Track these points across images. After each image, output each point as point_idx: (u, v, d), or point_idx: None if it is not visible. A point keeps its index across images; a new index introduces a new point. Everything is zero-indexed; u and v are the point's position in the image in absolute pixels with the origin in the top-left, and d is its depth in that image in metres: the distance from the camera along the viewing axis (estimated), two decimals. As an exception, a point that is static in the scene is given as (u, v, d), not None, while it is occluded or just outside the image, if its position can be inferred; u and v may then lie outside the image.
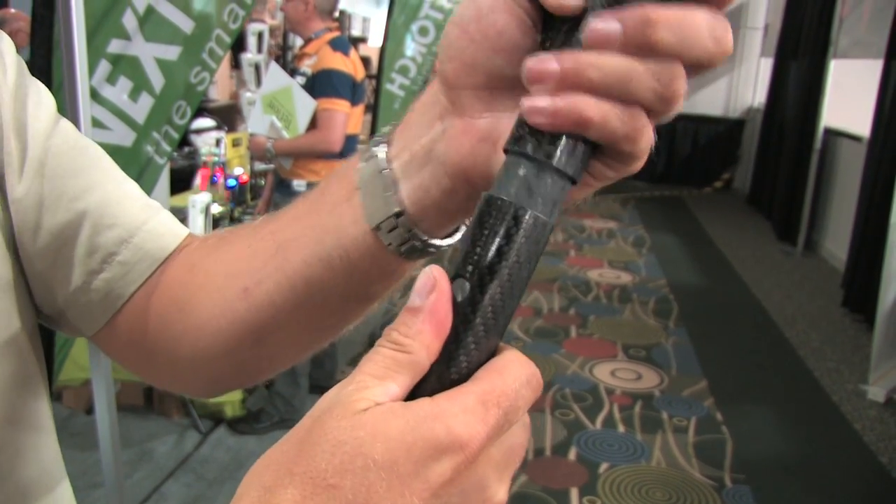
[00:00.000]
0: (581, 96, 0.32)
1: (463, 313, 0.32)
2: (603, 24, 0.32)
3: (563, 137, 0.33)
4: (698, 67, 0.33)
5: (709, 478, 2.65)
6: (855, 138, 5.35)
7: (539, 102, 0.33)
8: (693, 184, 8.41)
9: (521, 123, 0.34)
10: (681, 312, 4.35)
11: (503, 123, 0.38)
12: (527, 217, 0.32)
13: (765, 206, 6.99)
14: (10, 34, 0.53)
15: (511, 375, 0.31)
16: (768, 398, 3.36)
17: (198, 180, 3.51)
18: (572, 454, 2.76)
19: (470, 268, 0.32)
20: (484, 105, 0.39)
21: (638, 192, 7.99)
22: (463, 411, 0.29)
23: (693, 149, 8.47)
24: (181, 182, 3.68)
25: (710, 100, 8.46)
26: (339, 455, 0.28)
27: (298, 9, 2.87)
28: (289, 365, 0.55)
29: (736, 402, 3.27)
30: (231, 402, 2.74)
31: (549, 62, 0.33)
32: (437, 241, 0.44)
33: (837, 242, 5.42)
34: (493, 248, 0.32)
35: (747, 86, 8.43)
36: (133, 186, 0.56)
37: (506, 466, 0.31)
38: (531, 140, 0.33)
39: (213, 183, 3.44)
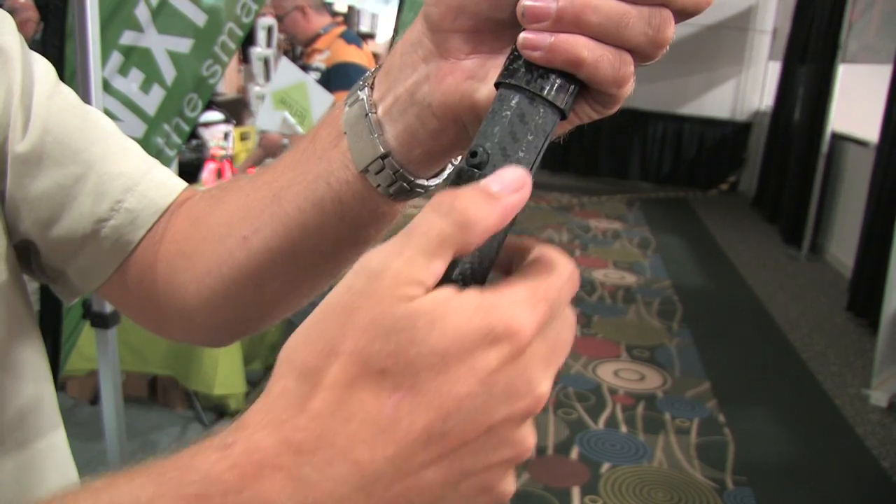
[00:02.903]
0: (577, 37, 0.34)
1: None
2: None
3: (555, 73, 0.35)
4: (684, 14, 0.35)
5: (710, 479, 2.65)
6: (862, 143, 5.34)
7: (537, 37, 0.34)
8: (698, 186, 8.39)
9: (515, 58, 0.35)
10: (685, 314, 4.35)
11: (488, 63, 0.39)
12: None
13: (770, 210, 6.97)
14: (19, 24, 0.54)
15: (557, 271, 0.32)
16: (771, 401, 3.36)
17: (205, 173, 3.52)
18: (574, 453, 2.77)
19: (485, 156, 0.33)
20: (469, 47, 0.40)
21: (643, 194, 7.98)
22: (514, 303, 0.29)
23: (699, 151, 8.45)
24: (188, 175, 3.68)
25: (717, 102, 8.44)
26: (392, 342, 0.28)
27: (297, 18, 2.84)
28: (289, 311, 0.56)
29: (738, 405, 3.27)
30: (234, 395, 2.75)
31: (548, 2, 0.34)
32: (424, 182, 0.45)
33: (843, 247, 5.41)
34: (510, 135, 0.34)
35: (755, 89, 8.41)
36: (132, 142, 0.58)
37: (550, 361, 0.31)
38: (525, 74, 0.35)
39: (220, 177, 3.44)
